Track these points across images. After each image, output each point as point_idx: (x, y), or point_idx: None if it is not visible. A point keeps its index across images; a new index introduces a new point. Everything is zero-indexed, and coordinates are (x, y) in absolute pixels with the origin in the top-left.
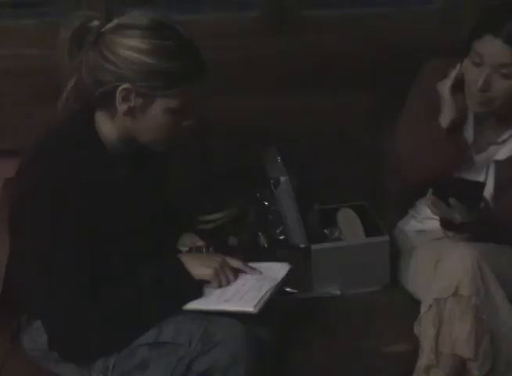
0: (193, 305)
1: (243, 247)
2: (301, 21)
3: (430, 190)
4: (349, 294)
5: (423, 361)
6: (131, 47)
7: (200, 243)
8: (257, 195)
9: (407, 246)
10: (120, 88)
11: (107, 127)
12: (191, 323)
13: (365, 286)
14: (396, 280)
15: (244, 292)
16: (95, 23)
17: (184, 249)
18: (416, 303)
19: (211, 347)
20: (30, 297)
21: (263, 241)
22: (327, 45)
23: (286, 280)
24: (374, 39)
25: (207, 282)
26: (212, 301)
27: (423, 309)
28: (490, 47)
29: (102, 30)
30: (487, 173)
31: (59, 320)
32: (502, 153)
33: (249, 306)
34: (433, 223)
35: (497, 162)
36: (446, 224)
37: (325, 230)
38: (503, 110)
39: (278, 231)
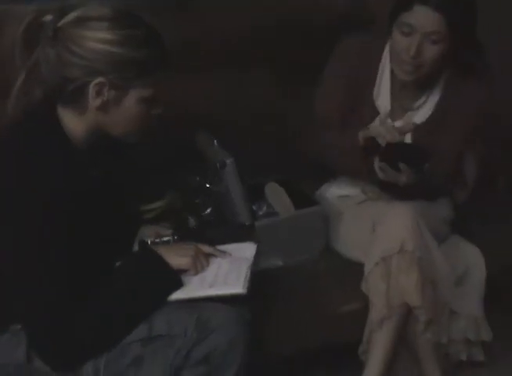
0: (179, 295)
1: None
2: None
3: (377, 158)
4: (291, 264)
5: (375, 315)
6: (99, 39)
7: (168, 231)
8: (197, 178)
9: (331, 212)
10: (93, 82)
11: (75, 123)
12: (182, 313)
13: (305, 253)
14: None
15: (224, 275)
16: (49, 17)
17: (150, 240)
18: (353, 264)
19: (207, 334)
20: (4, 302)
21: (192, 223)
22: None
23: (257, 258)
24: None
25: (184, 271)
26: (196, 288)
27: (369, 267)
28: (420, 16)
29: (60, 24)
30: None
31: (47, 323)
32: (418, 118)
33: (238, 288)
34: (354, 188)
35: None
36: (387, 187)
37: (253, 206)
38: (423, 77)
39: (207, 212)
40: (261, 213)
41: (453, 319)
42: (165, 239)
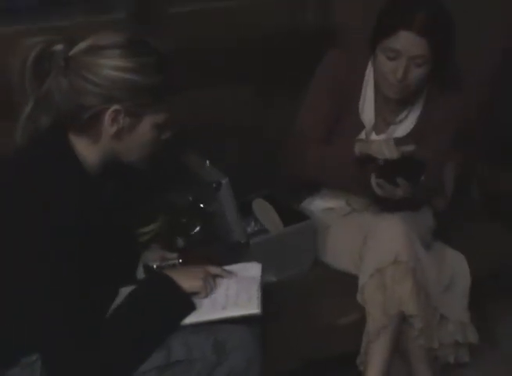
0: (194, 318)
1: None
2: (164, 19)
3: (374, 175)
4: (283, 279)
5: (373, 325)
6: (114, 67)
7: (173, 255)
8: (190, 199)
9: (318, 225)
10: (109, 110)
11: (88, 151)
12: (199, 337)
13: (296, 267)
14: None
15: (234, 296)
16: (59, 47)
17: (156, 264)
18: (344, 276)
19: (226, 356)
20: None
21: (180, 244)
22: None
23: (263, 277)
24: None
25: (195, 293)
26: (209, 311)
27: (363, 279)
28: (405, 41)
29: (72, 53)
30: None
31: (64, 353)
32: (400, 131)
33: (253, 308)
34: (338, 201)
35: (396, 139)
36: (377, 199)
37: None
38: (408, 95)
39: (195, 232)
40: (249, 230)
41: (443, 324)
42: (170, 262)
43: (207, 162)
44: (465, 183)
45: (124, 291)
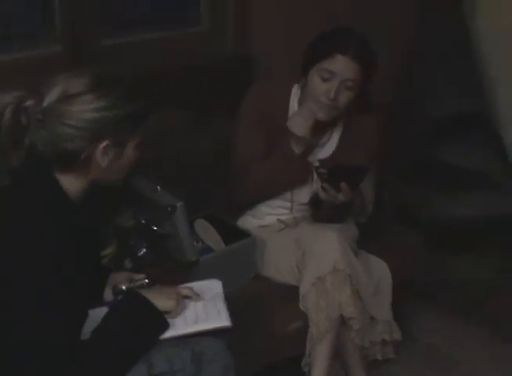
0: (171, 333)
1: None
2: (99, 51)
3: (318, 179)
4: (228, 293)
5: (317, 329)
6: (93, 109)
7: (140, 276)
8: (143, 221)
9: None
10: (100, 147)
11: (74, 185)
12: (178, 349)
13: (239, 282)
14: None
15: (204, 312)
16: (30, 102)
17: (125, 286)
18: (284, 287)
19: (204, 365)
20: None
21: (127, 265)
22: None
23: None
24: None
25: (167, 312)
26: (183, 326)
27: (305, 287)
28: (341, 64)
29: (46, 104)
30: (313, 171)
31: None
32: (323, 153)
33: (223, 321)
34: (271, 218)
35: (320, 161)
36: (315, 205)
37: None
38: (334, 116)
39: (142, 253)
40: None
41: (372, 325)
42: (138, 283)
43: (158, 187)
44: (378, 197)
45: (93, 313)
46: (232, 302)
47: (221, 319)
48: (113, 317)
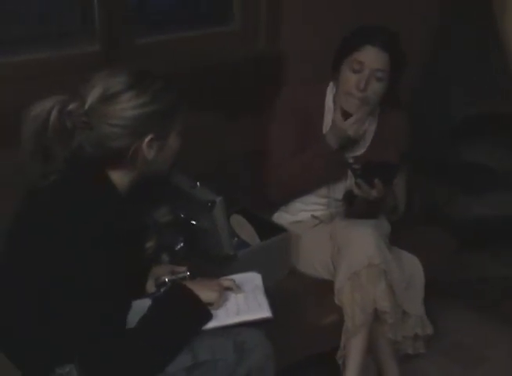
0: (214, 323)
1: None
2: (134, 50)
3: (352, 175)
4: (267, 286)
5: (352, 323)
6: (134, 106)
7: (182, 268)
8: (182, 216)
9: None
10: (145, 142)
11: (122, 179)
12: (220, 339)
13: (274, 276)
14: None
15: (246, 304)
16: (73, 105)
17: (168, 278)
18: (318, 281)
19: (246, 354)
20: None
21: (165, 259)
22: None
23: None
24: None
25: (210, 304)
26: (225, 317)
27: (340, 282)
28: (370, 55)
29: (89, 106)
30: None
31: (96, 355)
32: (357, 150)
33: (265, 312)
34: (305, 214)
35: (355, 157)
36: (349, 201)
37: None
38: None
39: (179, 247)
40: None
41: (404, 319)
42: (181, 276)
43: (198, 183)
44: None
45: (136, 304)
46: (268, 297)
47: (263, 311)
48: (159, 307)
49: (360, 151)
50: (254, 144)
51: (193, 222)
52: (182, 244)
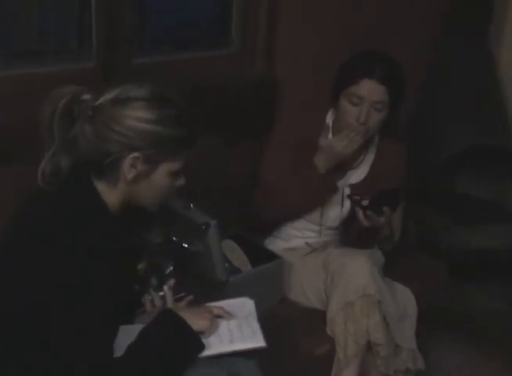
0: (207, 352)
1: None
2: (130, 69)
3: (360, 209)
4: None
5: (344, 354)
6: (137, 118)
7: (171, 281)
8: (174, 239)
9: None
10: (129, 156)
11: (110, 194)
12: (213, 369)
13: (265, 304)
14: None
15: (239, 331)
16: (87, 96)
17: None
18: (310, 311)
19: None
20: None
21: (154, 283)
22: None
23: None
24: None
25: (201, 332)
26: (218, 345)
27: (333, 311)
28: (367, 88)
29: (99, 102)
30: (343, 195)
31: None
32: (354, 178)
33: (259, 342)
34: (298, 241)
35: (351, 185)
36: (345, 229)
37: None
38: (365, 140)
39: (169, 271)
40: None
41: (397, 352)
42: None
43: (192, 204)
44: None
45: (123, 328)
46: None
47: (257, 340)
48: (148, 335)
49: (357, 179)
50: (251, 168)
51: (185, 246)
52: (171, 268)
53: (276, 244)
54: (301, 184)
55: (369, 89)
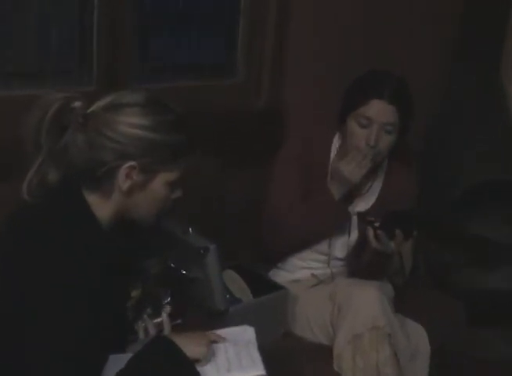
0: None
1: None
2: None
3: (370, 228)
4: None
5: None
6: (131, 124)
7: (167, 308)
8: (172, 265)
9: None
10: (124, 166)
11: (101, 206)
12: None
13: (268, 337)
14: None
15: (237, 359)
16: (78, 103)
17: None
18: (316, 346)
19: None
20: None
21: (148, 312)
22: None
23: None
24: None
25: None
26: (215, 374)
27: (340, 346)
28: (377, 109)
29: (91, 110)
30: (350, 223)
31: None
32: (362, 205)
33: (259, 370)
34: (303, 272)
35: (359, 214)
36: (355, 257)
37: None
38: (375, 165)
39: (165, 302)
40: None
41: None
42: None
43: (190, 229)
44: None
45: (113, 358)
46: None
47: (257, 368)
48: (139, 362)
49: (366, 206)
50: (254, 196)
51: (184, 272)
52: (169, 299)
53: (281, 275)
54: (315, 211)
55: (379, 110)
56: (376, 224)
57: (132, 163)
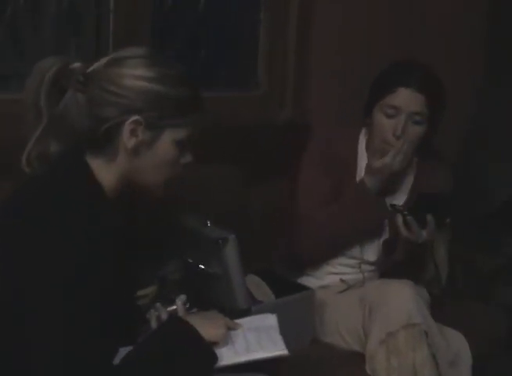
0: (221, 362)
1: None
2: None
3: (401, 215)
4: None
5: None
6: (136, 76)
7: (182, 296)
8: (189, 260)
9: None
10: (129, 120)
11: (105, 172)
12: None
13: (295, 343)
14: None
15: (257, 341)
16: (77, 64)
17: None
18: (347, 352)
19: None
20: None
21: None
22: None
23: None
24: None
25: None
26: (233, 355)
27: (373, 346)
28: (405, 98)
29: (92, 68)
30: (383, 224)
31: None
32: (397, 199)
33: (280, 349)
34: (333, 278)
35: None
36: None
37: None
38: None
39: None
40: None
41: None
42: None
43: (209, 222)
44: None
45: (123, 350)
46: (289, 368)
47: (278, 348)
48: (151, 345)
49: (397, 203)
50: (274, 209)
51: (202, 267)
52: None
53: (307, 281)
54: (349, 209)
55: (406, 98)
56: (406, 212)
57: (137, 117)
